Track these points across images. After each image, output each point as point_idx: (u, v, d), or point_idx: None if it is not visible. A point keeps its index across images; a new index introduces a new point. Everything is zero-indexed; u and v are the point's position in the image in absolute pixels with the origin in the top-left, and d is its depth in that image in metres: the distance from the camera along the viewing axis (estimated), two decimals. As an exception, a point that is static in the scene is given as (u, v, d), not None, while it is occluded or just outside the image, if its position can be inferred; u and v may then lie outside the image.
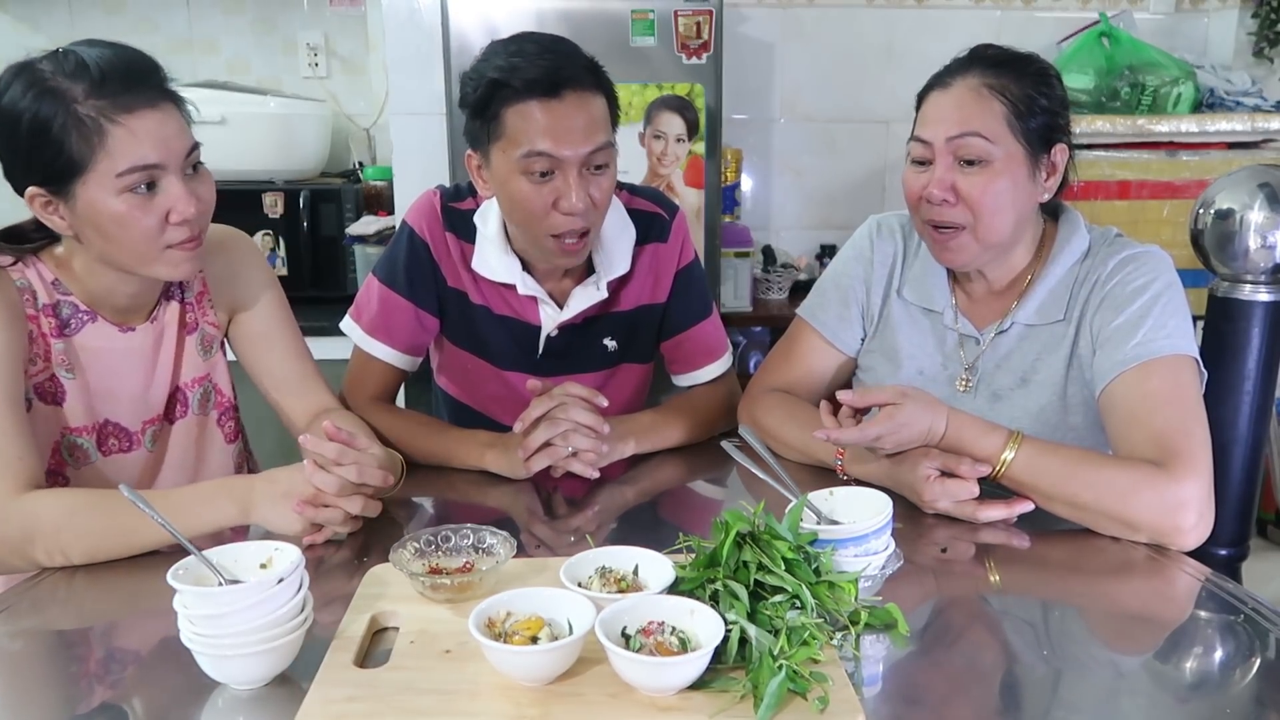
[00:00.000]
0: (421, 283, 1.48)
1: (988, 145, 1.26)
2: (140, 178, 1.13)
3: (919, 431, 1.19)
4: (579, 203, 1.30)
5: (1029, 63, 1.31)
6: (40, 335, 1.21)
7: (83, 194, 1.13)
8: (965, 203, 1.28)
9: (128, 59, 1.15)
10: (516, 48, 1.30)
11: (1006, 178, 1.27)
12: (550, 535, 1.22)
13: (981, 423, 1.21)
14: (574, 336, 1.52)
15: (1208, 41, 3.15)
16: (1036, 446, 1.19)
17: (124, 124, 1.11)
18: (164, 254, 1.18)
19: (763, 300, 2.94)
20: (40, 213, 1.17)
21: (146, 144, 1.12)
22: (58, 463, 1.25)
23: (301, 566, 0.88)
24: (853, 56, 3.07)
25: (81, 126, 1.10)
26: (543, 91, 1.27)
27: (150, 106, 1.13)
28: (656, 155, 2.42)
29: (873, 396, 1.22)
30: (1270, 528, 2.96)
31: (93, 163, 1.11)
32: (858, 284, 1.48)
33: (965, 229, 1.29)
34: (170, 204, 1.15)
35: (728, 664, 0.83)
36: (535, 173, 1.30)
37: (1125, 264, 1.30)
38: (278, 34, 3.02)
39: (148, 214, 1.14)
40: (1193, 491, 1.13)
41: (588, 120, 1.30)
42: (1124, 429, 1.22)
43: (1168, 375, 1.21)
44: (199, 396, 1.35)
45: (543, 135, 1.28)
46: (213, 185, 1.23)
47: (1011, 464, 1.18)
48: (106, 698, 0.86)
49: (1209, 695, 0.89)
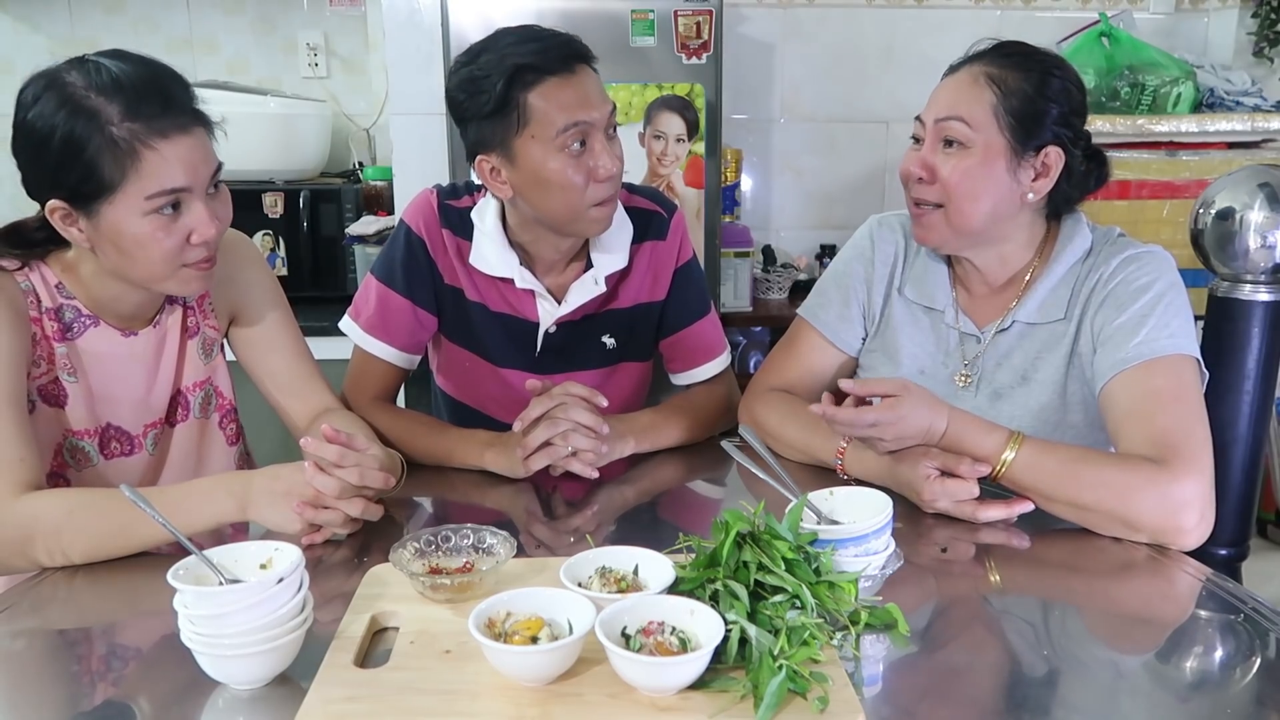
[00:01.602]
0: (419, 280, 1.48)
1: (967, 130, 1.28)
2: (167, 200, 1.13)
3: (918, 427, 1.19)
4: (614, 164, 1.35)
5: (1041, 61, 1.31)
6: (44, 338, 1.21)
7: (108, 213, 1.12)
8: (940, 184, 1.31)
9: (162, 80, 1.14)
10: (507, 41, 1.32)
11: (982, 165, 1.28)
12: (550, 535, 1.22)
13: (982, 423, 1.21)
14: (572, 334, 1.52)
15: (1208, 41, 3.15)
16: (1037, 447, 1.19)
17: (158, 149, 1.11)
18: (179, 272, 1.18)
19: (763, 300, 2.94)
20: (59, 224, 1.15)
21: (177, 168, 1.12)
22: (59, 465, 1.25)
23: (302, 566, 0.88)
24: (853, 56, 3.07)
25: (116, 149, 1.09)
26: (561, 68, 1.32)
27: (183, 131, 1.13)
28: (656, 155, 2.42)
29: (874, 386, 1.22)
30: (1270, 528, 2.96)
31: (123, 184, 1.11)
32: (858, 283, 1.48)
33: (940, 209, 1.32)
34: (193, 225, 1.15)
35: (728, 664, 0.83)
36: (572, 145, 1.32)
37: (1128, 263, 1.30)
38: (278, 34, 3.02)
39: (170, 235, 1.14)
40: (1194, 491, 1.13)
41: (598, 86, 1.36)
42: (1125, 426, 1.21)
43: (1170, 374, 1.21)
44: (200, 400, 1.35)
45: (577, 106, 1.32)
46: (230, 203, 1.23)
47: (1012, 464, 1.18)
48: (107, 697, 0.87)
49: (1209, 695, 0.89)
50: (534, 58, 1.30)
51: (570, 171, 1.33)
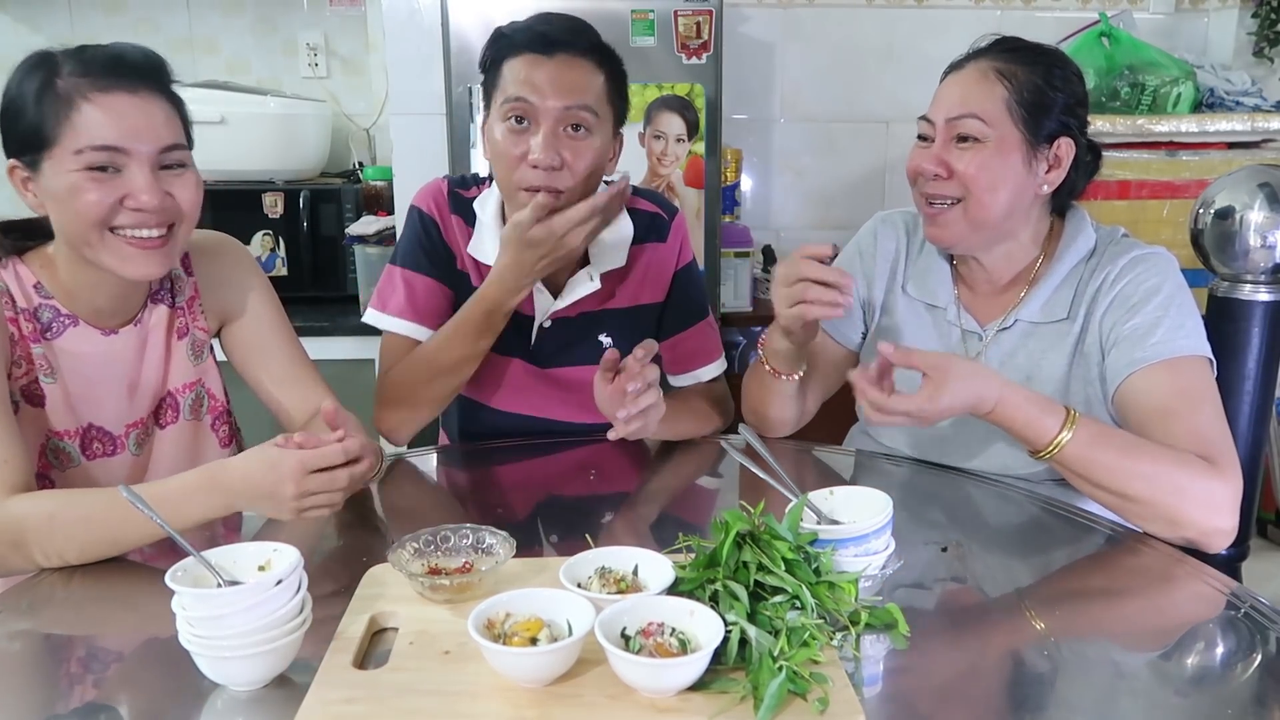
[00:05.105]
0: (439, 259, 1.49)
1: (983, 126, 1.28)
2: (99, 158, 1.11)
3: (958, 408, 1.16)
4: (545, 157, 1.31)
5: (1045, 54, 1.32)
6: (20, 339, 1.20)
7: (48, 168, 1.12)
8: (958, 178, 1.30)
9: (128, 50, 1.15)
10: (534, 18, 1.36)
11: (999, 158, 1.28)
12: (550, 535, 1.22)
13: (1038, 400, 1.17)
14: (568, 330, 1.52)
15: (1208, 41, 3.15)
16: (1093, 432, 1.15)
17: (95, 101, 1.10)
18: (109, 240, 1.15)
19: (763, 300, 2.93)
20: (18, 187, 1.16)
21: (112, 126, 1.11)
22: (44, 466, 1.24)
23: (300, 567, 0.88)
24: (853, 56, 3.06)
25: (56, 100, 1.10)
26: (538, 48, 1.33)
27: (128, 91, 1.12)
28: (656, 155, 2.42)
29: (915, 359, 1.17)
30: (1270, 528, 2.96)
31: (59, 138, 1.11)
32: (859, 279, 1.49)
33: (958, 204, 1.31)
34: (129, 190, 1.13)
35: (728, 665, 0.83)
36: (512, 118, 1.33)
37: (1135, 264, 1.30)
38: (278, 34, 3.02)
39: (100, 193, 1.12)
40: (1235, 494, 1.13)
41: (573, 80, 1.33)
42: (1156, 421, 1.20)
43: (1194, 375, 1.21)
44: (190, 401, 1.35)
45: (524, 84, 1.32)
46: (196, 191, 1.20)
47: (1067, 446, 1.15)
48: (104, 699, 0.86)
49: (1209, 694, 0.89)
50: (519, 33, 1.34)
51: (506, 144, 1.34)
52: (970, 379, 1.16)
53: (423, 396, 1.43)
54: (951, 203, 1.32)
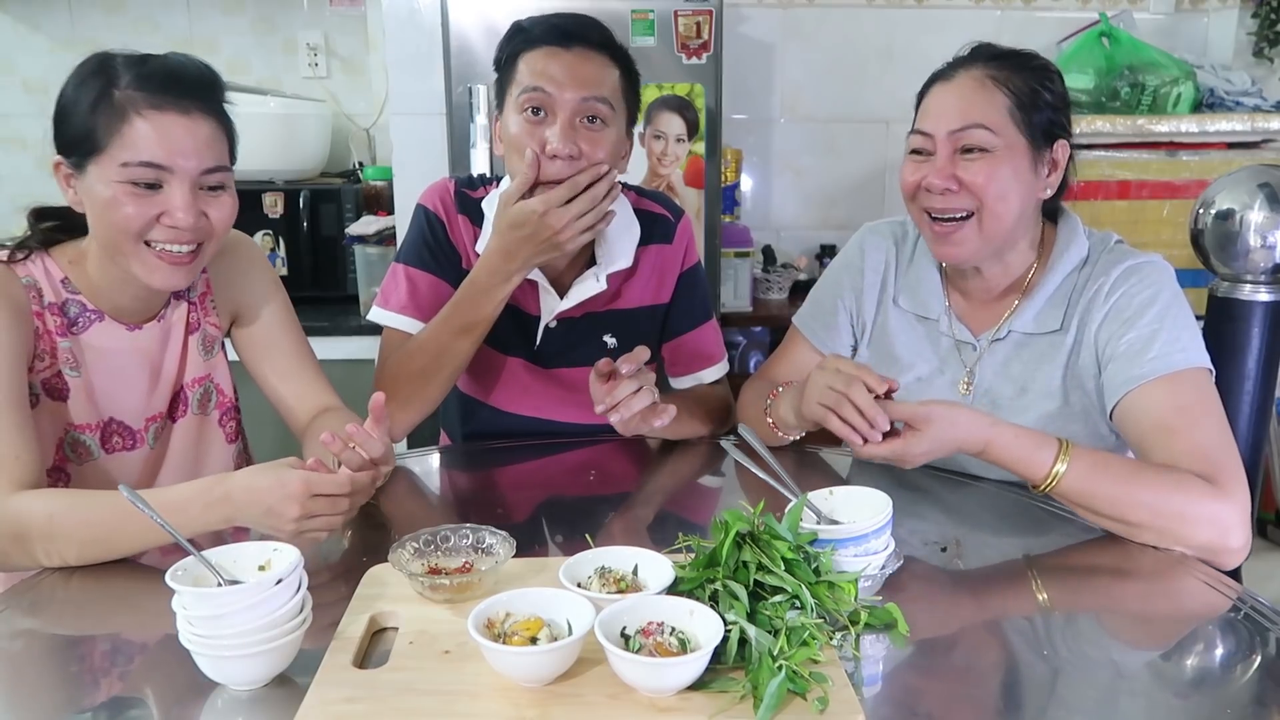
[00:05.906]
0: (444, 258, 1.50)
1: (990, 136, 1.26)
2: (143, 174, 1.14)
3: (942, 452, 1.17)
4: (562, 147, 1.32)
5: (1030, 58, 1.31)
6: (46, 333, 1.21)
7: (92, 172, 1.15)
8: (968, 190, 1.27)
9: (187, 68, 1.18)
10: (550, 14, 1.37)
11: (1008, 166, 1.26)
12: (550, 535, 1.22)
13: (1029, 436, 1.17)
14: (573, 330, 1.53)
15: (1208, 41, 3.15)
16: (1087, 463, 1.15)
17: (147, 118, 1.13)
18: (140, 251, 1.18)
19: (762, 300, 2.93)
20: (61, 183, 1.19)
21: (160, 144, 1.14)
22: (60, 459, 1.25)
23: (300, 567, 0.88)
24: (853, 56, 3.07)
25: (111, 110, 1.13)
26: (555, 41, 1.34)
27: (180, 112, 1.15)
28: (656, 155, 2.42)
29: (896, 410, 1.18)
30: (1270, 528, 2.96)
31: (108, 147, 1.13)
32: (847, 293, 1.49)
33: (970, 217, 1.28)
34: (167, 207, 1.16)
35: (727, 664, 0.83)
36: (529, 109, 1.34)
37: (1129, 275, 1.28)
38: (278, 34, 3.02)
39: (138, 207, 1.15)
40: (1244, 512, 1.12)
41: (590, 73, 1.35)
42: (1157, 439, 1.19)
43: (1194, 389, 1.20)
44: (199, 396, 1.35)
45: (541, 75, 1.33)
46: (231, 212, 1.23)
47: (1063, 478, 1.14)
48: (105, 698, 0.86)
49: (1209, 695, 0.89)
50: (535, 27, 1.36)
51: (522, 136, 1.34)
52: (953, 427, 1.16)
53: (415, 391, 1.42)
54: (963, 217, 1.29)
